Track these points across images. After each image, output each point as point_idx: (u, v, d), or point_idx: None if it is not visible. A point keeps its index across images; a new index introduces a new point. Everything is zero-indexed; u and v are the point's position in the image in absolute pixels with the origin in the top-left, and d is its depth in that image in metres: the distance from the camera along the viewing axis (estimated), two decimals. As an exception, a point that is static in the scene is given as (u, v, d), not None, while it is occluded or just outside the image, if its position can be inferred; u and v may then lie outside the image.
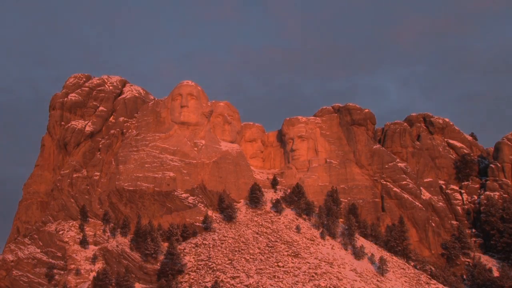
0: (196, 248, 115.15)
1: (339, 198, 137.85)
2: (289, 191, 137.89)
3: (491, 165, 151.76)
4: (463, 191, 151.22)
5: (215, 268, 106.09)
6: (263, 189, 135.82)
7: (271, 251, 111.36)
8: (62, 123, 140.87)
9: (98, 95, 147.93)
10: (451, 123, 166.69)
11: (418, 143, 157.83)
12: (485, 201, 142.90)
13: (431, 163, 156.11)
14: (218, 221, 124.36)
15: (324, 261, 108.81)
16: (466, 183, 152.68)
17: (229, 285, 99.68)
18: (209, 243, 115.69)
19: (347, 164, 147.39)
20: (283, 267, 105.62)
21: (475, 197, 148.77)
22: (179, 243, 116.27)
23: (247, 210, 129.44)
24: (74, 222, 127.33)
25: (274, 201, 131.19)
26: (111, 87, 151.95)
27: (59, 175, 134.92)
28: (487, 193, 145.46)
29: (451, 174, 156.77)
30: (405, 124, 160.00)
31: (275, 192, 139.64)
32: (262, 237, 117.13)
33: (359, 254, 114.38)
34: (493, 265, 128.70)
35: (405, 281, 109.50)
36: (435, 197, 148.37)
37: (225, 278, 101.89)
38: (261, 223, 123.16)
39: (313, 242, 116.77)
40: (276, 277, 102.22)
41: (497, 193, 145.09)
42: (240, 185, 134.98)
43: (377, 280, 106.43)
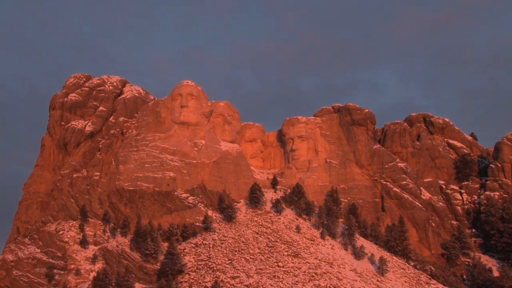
0: (196, 248, 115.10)
1: (339, 198, 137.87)
2: (289, 191, 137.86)
3: (491, 165, 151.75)
4: (463, 191, 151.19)
5: (215, 268, 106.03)
6: (263, 189, 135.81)
7: (271, 251, 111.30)
8: (62, 123, 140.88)
9: (98, 95, 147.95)
10: (451, 123, 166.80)
11: (418, 143, 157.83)
12: (485, 201, 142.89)
13: (431, 163, 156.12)
14: (218, 221, 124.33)
15: (324, 261, 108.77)
16: (466, 183, 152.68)
17: (229, 285, 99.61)
18: (209, 243, 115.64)
19: (347, 164, 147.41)
20: (283, 267, 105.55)
21: (475, 197, 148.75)
22: (179, 243, 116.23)
23: (247, 210, 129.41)
24: (74, 222, 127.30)
25: (274, 201, 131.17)
26: (111, 87, 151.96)
27: (59, 175, 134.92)
28: (487, 193, 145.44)
29: (451, 174, 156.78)
30: (405, 124, 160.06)
31: (275, 192, 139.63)
32: (262, 237, 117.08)
33: (359, 254, 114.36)
34: (493, 265, 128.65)
35: (405, 281, 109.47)
36: (435, 197, 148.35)
37: (225, 278, 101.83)
38: (261, 223, 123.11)
39: (313, 242, 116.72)
40: (276, 277, 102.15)
41: (497, 193, 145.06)
42: (240, 185, 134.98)
43: (377, 280, 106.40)
